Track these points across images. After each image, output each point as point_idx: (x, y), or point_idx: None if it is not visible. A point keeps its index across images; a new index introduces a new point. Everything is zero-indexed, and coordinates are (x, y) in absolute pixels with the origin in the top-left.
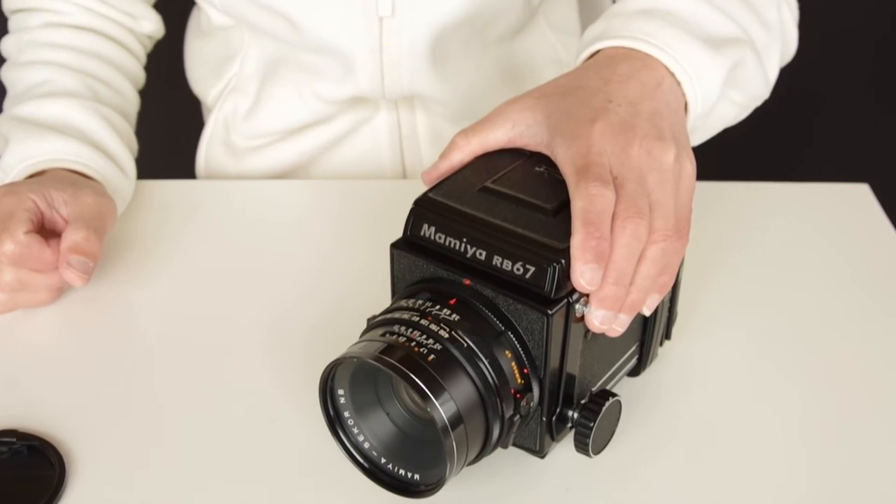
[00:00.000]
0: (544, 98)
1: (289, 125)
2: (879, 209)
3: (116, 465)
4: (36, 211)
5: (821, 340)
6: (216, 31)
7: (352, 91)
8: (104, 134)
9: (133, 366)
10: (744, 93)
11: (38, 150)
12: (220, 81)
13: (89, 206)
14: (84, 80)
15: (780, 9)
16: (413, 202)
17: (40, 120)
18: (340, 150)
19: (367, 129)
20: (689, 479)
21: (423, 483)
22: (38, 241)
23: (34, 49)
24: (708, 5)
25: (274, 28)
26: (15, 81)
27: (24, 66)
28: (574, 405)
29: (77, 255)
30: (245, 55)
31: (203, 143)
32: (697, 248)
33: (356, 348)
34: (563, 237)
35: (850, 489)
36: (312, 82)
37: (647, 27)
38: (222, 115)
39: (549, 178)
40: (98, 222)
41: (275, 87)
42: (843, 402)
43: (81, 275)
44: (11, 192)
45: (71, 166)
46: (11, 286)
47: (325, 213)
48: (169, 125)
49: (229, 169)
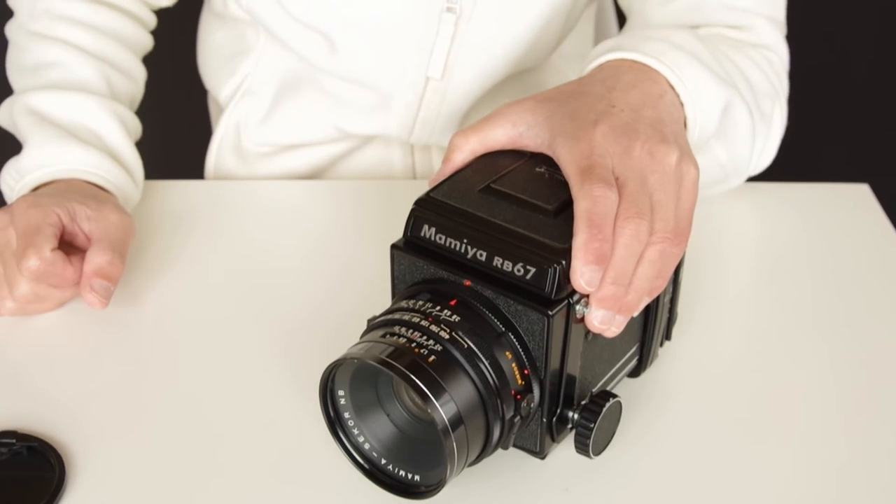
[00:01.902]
0: (546, 101)
1: (302, 139)
2: (879, 209)
3: (116, 466)
4: (59, 225)
5: (821, 340)
6: (231, 18)
7: (377, 128)
8: (119, 139)
9: (134, 366)
10: (730, 151)
11: (57, 158)
12: (233, 78)
13: (115, 225)
14: (100, 68)
15: (774, 107)
16: (413, 203)
17: (57, 118)
18: (352, 160)
19: (380, 140)
20: (689, 479)
21: (423, 484)
22: (63, 259)
23: (48, 20)
24: (716, 59)
25: (303, 46)
26: (25, 50)
27: (37, 37)
28: (574, 406)
29: (100, 279)
30: (260, 55)
31: (213, 147)
32: (698, 248)
33: (356, 349)
34: (563, 238)
35: (851, 489)
36: (335, 110)
37: (658, 47)
38: (234, 119)
39: (550, 178)
40: (122, 245)
41: (292, 103)
42: (843, 402)
43: (102, 300)
44: (36, 204)
45: (90, 178)
46: (27, 298)
47: (327, 214)
48: (178, 126)
49: (239, 173)
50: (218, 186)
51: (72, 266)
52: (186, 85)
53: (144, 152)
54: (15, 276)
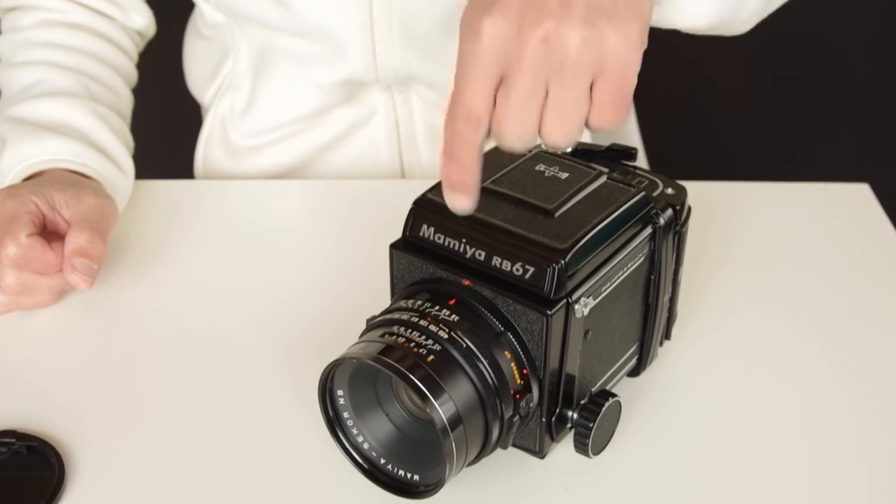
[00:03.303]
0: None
1: (286, 120)
2: (879, 209)
3: (116, 465)
4: (37, 213)
5: (821, 340)
6: (211, 31)
7: (345, 72)
8: (101, 132)
9: (132, 366)
10: None
11: (35, 150)
12: (215, 81)
13: (92, 207)
14: (79, 78)
15: None
16: (412, 202)
17: (37, 120)
18: (339, 150)
19: (365, 130)
20: (689, 479)
21: (422, 484)
22: (41, 243)
23: (28, 49)
24: None
25: (262, 13)
26: (10, 83)
27: (18, 66)
28: (574, 405)
29: (81, 258)
30: (237, 52)
31: (201, 143)
32: (697, 248)
33: (355, 349)
34: (562, 238)
35: (851, 489)
36: (305, 70)
37: None
38: (219, 113)
39: (549, 177)
40: (101, 224)
41: (268, 81)
42: (843, 402)
43: (86, 278)
44: (13, 194)
45: (70, 166)
46: (14, 289)
47: (324, 214)
48: (168, 126)
49: (228, 169)
50: (216, 187)
51: (52, 251)
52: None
53: (135, 152)
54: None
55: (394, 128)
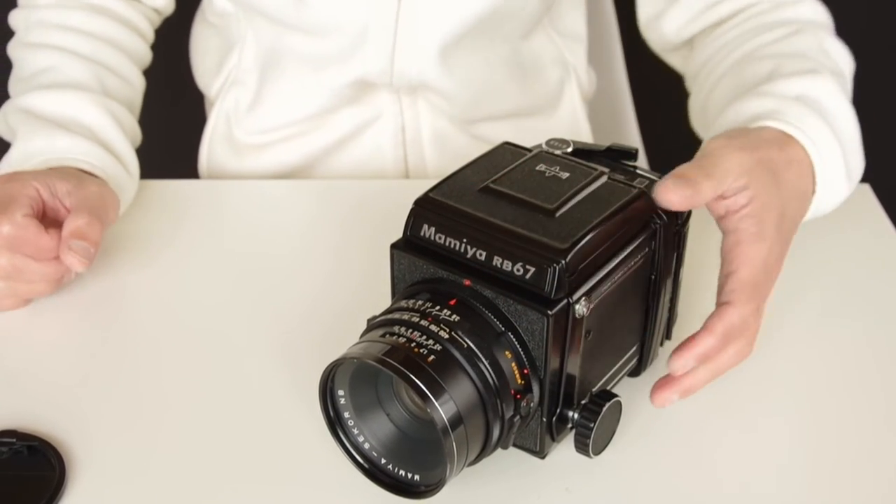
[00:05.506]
0: (762, 167)
1: (291, 119)
2: (880, 209)
3: (116, 465)
4: (37, 198)
5: (821, 340)
6: (219, 19)
7: (358, 74)
8: (111, 132)
9: (133, 366)
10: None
11: (46, 147)
12: (221, 74)
13: (93, 194)
14: (93, 68)
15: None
16: (413, 202)
17: (48, 114)
18: (343, 152)
19: (371, 132)
20: (689, 479)
21: (423, 484)
22: (36, 225)
23: (43, 30)
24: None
25: (276, 8)
26: (21, 62)
27: (32, 47)
28: (574, 406)
29: (78, 239)
30: (243, 46)
31: (206, 139)
32: (697, 248)
33: (356, 349)
34: (563, 237)
35: (851, 489)
36: (314, 71)
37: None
38: (224, 109)
39: (550, 177)
40: (100, 211)
41: (275, 80)
42: (843, 402)
43: (82, 259)
44: (14, 178)
45: (79, 165)
46: (6, 271)
47: (325, 214)
48: (173, 125)
49: (232, 167)
50: (220, 187)
51: (47, 235)
52: (181, 84)
53: (138, 151)
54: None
55: (400, 131)
